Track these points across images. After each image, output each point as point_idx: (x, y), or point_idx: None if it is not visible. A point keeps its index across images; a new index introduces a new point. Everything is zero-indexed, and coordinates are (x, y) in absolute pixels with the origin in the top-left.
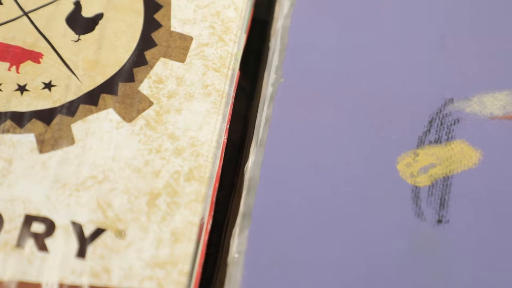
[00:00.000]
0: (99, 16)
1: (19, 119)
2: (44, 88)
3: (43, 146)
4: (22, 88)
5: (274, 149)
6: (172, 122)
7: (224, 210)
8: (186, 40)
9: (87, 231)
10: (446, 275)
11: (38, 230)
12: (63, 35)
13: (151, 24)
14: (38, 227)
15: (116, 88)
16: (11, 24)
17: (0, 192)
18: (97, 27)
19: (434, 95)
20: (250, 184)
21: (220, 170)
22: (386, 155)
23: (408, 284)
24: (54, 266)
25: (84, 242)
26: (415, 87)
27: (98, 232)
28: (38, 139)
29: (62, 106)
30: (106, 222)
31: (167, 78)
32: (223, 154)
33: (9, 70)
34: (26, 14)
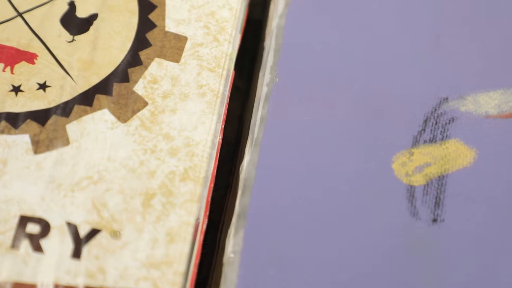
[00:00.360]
0: (93, 17)
1: (14, 120)
2: (38, 88)
3: (38, 146)
4: (16, 89)
5: (269, 149)
6: (167, 122)
7: (219, 210)
8: (180, 40)
9: (82, 232)
10: (442, 274)
11: (33, 231)
12: (57, 35)
13: (145, 24)
14: (33, 228)
15: (111, 89)
16: (6, 25)
17: None
18: (91, 28)
19: (429, 94)
20: (245, 184)
21: (216, 170)
22: (381, 155)
23: (404, 283)
24: (49, 266)
25: (79, 243)
26: (410, 86)
27: (93, 232)
28: (33, 139)
29: (57, 107)
30: (101, 223)
31: (162, 78)
32: (218, 154)
33: (3, 71)
34: (20, 14)
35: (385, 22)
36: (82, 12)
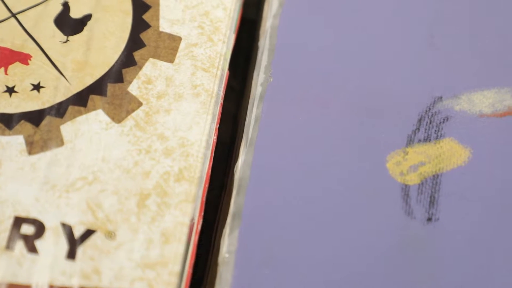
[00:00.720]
0: (87, 17)
1: (8, 121)
2: (32, 89)
3: (32, 147)
4: (10, 90)
5: (264, 148)
6: (162, 122)
7: (214, 210)
8: (175, 41)
9: (77, 233)
10: (436, 273)
11: (28, 232)
12: (51, 36)
13: (139, 25)
14: (27, 229)
15: (105, 89)
16: None
17: None
18: (85, 28)
19: (423, 93)
20: (240, 184)
21: (210, 170)
22: (376, 154)
23: (399, 282)
24: (44, 267)
25: (74, 244)
26: (404, 85)
27: (88, 233)
28: (27, 140)
29: (51, 108)
30: (96, 223)
31: (156, 78)
32: (213, 154)
33: None
34: (14, 15)
35: (379, 22)
36: (76, 13)
